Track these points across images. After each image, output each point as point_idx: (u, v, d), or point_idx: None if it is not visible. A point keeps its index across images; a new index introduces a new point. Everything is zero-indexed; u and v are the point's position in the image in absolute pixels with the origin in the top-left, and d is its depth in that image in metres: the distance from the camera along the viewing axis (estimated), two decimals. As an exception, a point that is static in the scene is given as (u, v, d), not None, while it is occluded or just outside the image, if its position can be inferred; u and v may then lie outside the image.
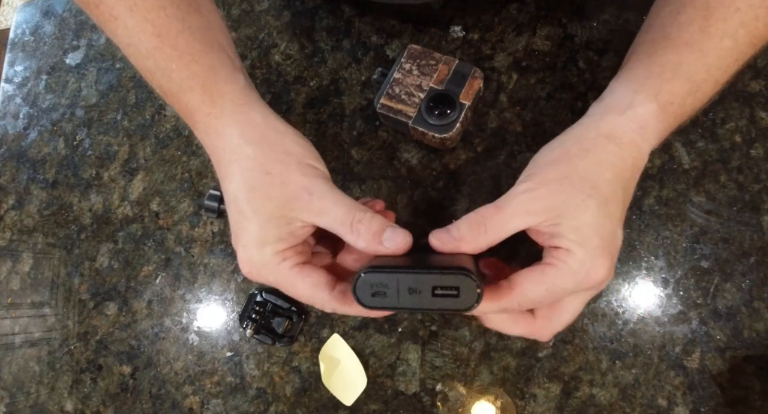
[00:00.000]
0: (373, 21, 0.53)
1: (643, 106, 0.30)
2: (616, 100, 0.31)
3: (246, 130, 0.32)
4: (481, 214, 0.30)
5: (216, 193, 0.50)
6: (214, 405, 0.48)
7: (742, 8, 0.29)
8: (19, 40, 0.65)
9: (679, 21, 0.30)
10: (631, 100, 0.30)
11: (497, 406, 0.43)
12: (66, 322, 0.53)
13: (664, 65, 0.30)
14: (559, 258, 0.28)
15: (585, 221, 0.28)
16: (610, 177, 0.29)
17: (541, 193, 0.28)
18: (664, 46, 0.30)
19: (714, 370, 0.40)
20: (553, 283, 0.28)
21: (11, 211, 0.58)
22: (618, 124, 0.30)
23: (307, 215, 0.31)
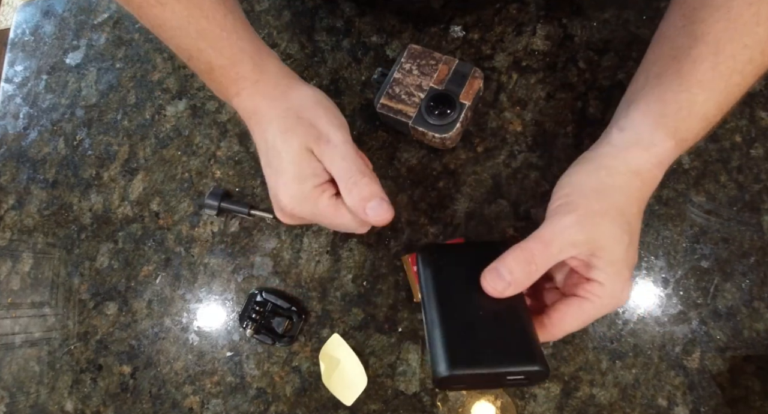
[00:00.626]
0: (373, 21, 0.53)
1: (663, 143, 0.32)
2: (638, 135, 0.33)
3: (287, 91, 0.38)
4: (529, 251, 0.31)
5: (217, 190, 0.50)
6: (214, 405, 0.48)
7: (750, 44, 0.30)
8: (19, 40, 0.65)
9: (692, 57, 0.31)
10: (653, 138, 0.32)
11: (497, 406, 0.43)
12: (66, 322, 0.53)
13: (680, 103, 0.32)
14: (594, 292, 0.31)
15: (619, 255, 0.30)
16: (636, 211, 0.32)
17: (586, 228, 0.30)
18: (679, 83, 0.32)
19: (714, 370, 0.40)
20: (589, 315, 0.31)
21: (11, 211, 0.58)
22: (643, 161, 0.32)
23: (322, 159, 0.36)
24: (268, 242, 0.50)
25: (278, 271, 0.49)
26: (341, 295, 0.48)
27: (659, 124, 0.32)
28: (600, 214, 0.31)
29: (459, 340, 0.30)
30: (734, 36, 0.30)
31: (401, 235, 0.47)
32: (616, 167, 0.32)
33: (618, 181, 0.32)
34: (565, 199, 0.32)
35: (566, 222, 0.31)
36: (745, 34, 0.30)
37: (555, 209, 0.32)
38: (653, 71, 0.34)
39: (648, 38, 0.38)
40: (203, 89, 0.56)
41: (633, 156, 0.32)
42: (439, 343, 0.30)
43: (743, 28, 0.30)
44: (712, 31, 0.31)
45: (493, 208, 0.46)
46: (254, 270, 0.50)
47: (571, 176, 0.33)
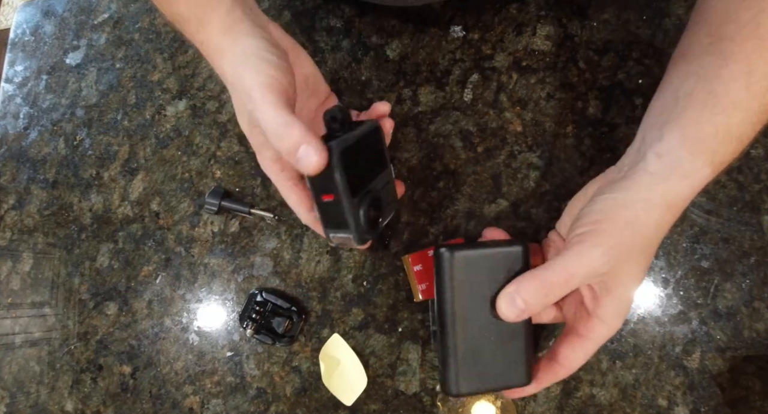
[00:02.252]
0: (373, 21, 0.53)
1: (702, 171, 0.31)
2: (677, 163, 0.31)
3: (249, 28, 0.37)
4: (549, 284, 0.31)
5: (218, 189, 0.50)
6: (214, 405, 0.48)
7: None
8: (19, 40, 0.65)
9: (724, 77, 0.30)
10: (693, 166, 0.31)
11: (497, 406, 0.43)
12: (66, 322, 0.53)
13: (716, 127, 0.31)
14: (594, 331, 0.32)
15: (630, 293, 0.32)
16: (657, 244, 0.32)
17: (613, 261, 0.30)
18: (713, 104, 0.31)
19: (714, 370, 0.40)
20: (593, 350, 0.33)
21: (11, 211, 0.58)
22: (680, 192, 0.31)
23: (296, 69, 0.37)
24: (268, 242, 0.50)
25: (278, 271, 0.49)
26: (341, 295, 0.48)
27: (698, 151, 0.31)
28: (628, 250, 0.30)
29: (470, 363, 0.34)
30: (765, 54, 0.29)
31: (401, 235, 0.47)
32: (654, 200, 0.31)
33: (653, 216, 0.31)
34: (593, 227, 0.31)
35: (594, 255, 0.30)
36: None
37: (581, 237, 0.31)
38: (683, 90, 0.32)
39: (648, 38, 0.37)
40: (203, 89, 0.56)
41: (671, 187, 0.31)
42: (452, 364, 0.34)
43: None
44: (743, 50, 0.30)
45: (493, 208, 0.46)
46: (254, 270, 0.50)
47: (604, 203, 0.32)
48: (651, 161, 0.32)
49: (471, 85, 0.49)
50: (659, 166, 0.31)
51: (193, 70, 0.57)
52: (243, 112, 0.38)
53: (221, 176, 0.53)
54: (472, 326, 0.34)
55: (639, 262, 0.31)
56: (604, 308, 0.31)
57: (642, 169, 0.32)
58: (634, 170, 0.32)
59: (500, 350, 0.34)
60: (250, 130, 0.38)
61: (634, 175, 0.32)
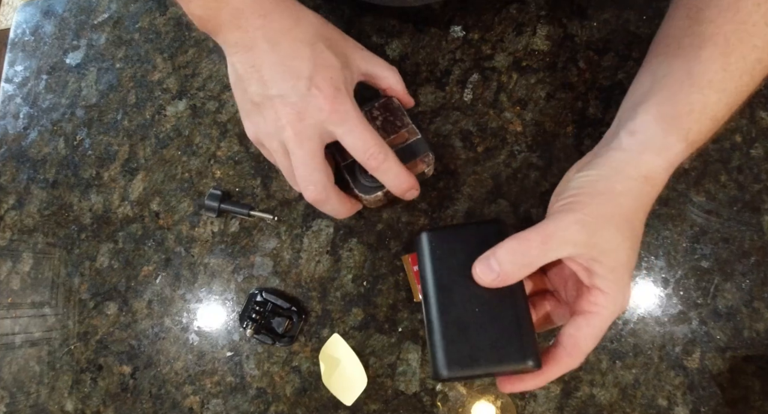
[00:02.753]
0: (373, 21, 0.53)
1: (675, 147, 0.31)
2: (650, 138, 0.32)
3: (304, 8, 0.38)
4: (525, 244, 0.30)
5: (216, 192, 0.50)
6: (214, 405, 0.48)
7: (759, 45, 0.30)
8: (19, 40, 0.65)
9: (702, 58, 0.31)
10: (665, 141, 0.31)
11: (497, 406, 0.43)
12: (66, 322, 0.53)
13: (692, 105, 0.31)
14: (597, 303, 0.30)
15: (621, 261, 0.30)
16: (642, 217, 0.32)
17: (590, 230, 0.30)
18: (690, 84, 0.31)
19: (714, 370, 0.40)
20: (599, 329, 0.31)
21: (11, 211, 0.58)
22: (655, 166, 0.32)
23: (363, 64, 0.39)
24: (268, 242, 0.50)
25: (278, 271, 0.49)
26: (341, 295, 0.48)
27: (671, 127, 0.31)
28: (606, 218, 0.30)
29: (457, 340, 0.31)
30: (744, 37, 0.30)
31: (401, 235, 0.47)
32: (628, 172, 0.31)
33: (628, 187, 0.31)
34: (570, 200, 0.31)
35: (569, 219, 0.30)
36: (755, 35, 0.30)
37: (558, 208, 0.32)
38: (660, 72, 0.33)
39: (648, 38, 0.38)
40: (203, 89, 0.56)
41: (645, 161, 0.32)
42: (438, 343, 0.31)
43: (753, 29, 0.30)
44: (722, 32, 0.30)
45: (493, 208, 0.46)
46: (254, 270, 0.50)
47: (579, 180, 0.32)
48: (624, 139, 0.32)
49: (471, 85, 0.49)
50: (631, 142, 0.32)
51: (193, 70, 0.57)
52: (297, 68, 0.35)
53: (221, 176, 0.53)
54: (456, 305, 0.32)
55: (621, 230, 0.30)
56: (599, 278, 0.30)
57: (615, 147, 0.33)
58: (607, 149, 0.33)
59: (490, 326, 0.31)
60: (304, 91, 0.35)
61: (606, 152, 0.33)
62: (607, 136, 0.35)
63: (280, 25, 0.34)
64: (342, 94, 0.35)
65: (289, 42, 0.34)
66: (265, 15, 0.34)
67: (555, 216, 0.31)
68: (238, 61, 0.35)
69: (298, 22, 0.35)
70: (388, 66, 0.41)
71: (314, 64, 0.34)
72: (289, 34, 0.34)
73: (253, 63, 0.34)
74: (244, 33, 0.34)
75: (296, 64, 0.34)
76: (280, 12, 0.35)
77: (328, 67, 0.35)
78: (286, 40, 0.34)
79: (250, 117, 0.38)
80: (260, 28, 0.34)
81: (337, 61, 0.35)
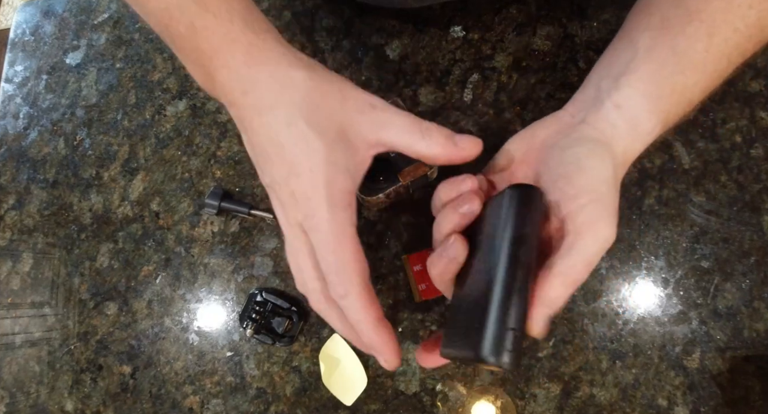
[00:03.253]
0: (373, 21, 0.53)
1: (654, 131, 0.31)
2: (636, 119, 0.30)
3: (292, 59, 0.31)
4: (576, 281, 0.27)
5: (217, 190, 0.50)
6: (214, 405, 0.48)
7: (740, 29, 0.29)
8: (19, 40, 0.65)
9: (687, 34, 0.30)
10: (648, 126, 0.30)
11: (497, 406, 0.43)
12: (66, 322, 0.53)
13: (674, 86, 0.30)
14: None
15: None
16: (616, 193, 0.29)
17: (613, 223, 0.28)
18: (674, 62, 0.30)
19: (714, 370, 0.40)
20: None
21: (11, 211, 0.58)
22: (635, 151, 0.31)
23: (373, 130, 0.30)
24: (268, 242, 0.50)
25: (278, 271, 0.49)
26: (341, 295, 0.48)
27: (655, 109, 0.30)
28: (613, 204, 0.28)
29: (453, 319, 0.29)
30: (728, 17, 0.29)
31: (401, 235, 0.47)
32: (621, 159, 0.30)
33: (620, 173, 0.30)
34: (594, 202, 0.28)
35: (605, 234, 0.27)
36: (738, 17, 0.29)
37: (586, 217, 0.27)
38: (643, 42, 0.32)
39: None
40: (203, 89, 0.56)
41: (630, 144, 0.31)
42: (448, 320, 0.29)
43: (737, 11, 0.29)
44: (708, 9, 0.29)
45: (493, 208, 0.46)
46: (254, 270, 0.50)
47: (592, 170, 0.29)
48: (611, 111, 0.31)
49: (471, 85, 0.49)
50: (619, 118, 0.31)
51: (193, 70, 0.57)
52: None
53: (221, 176, 0.53)
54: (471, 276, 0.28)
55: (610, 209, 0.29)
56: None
57: (604, 119, 0.31)
58: (595, 117, 0.31)
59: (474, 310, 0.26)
60: None
61: (597, 123, 0.31)
62: (579, 98, 0.33)
63: (263, 102, 0.30)
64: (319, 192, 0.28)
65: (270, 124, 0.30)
66: (246, 92, 0.30)
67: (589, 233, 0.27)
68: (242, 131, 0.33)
69: (282, 94, 0.30)
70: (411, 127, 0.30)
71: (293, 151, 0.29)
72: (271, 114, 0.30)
73: (248, 139, 0.32)
74: (237, 110, 0.31)
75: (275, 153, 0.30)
76: (262, 85, 0.30)
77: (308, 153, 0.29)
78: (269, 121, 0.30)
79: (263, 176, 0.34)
80: (248, 108, 0.30)
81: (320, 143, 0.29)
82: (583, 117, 0.32)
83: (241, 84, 0.30)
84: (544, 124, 0.34)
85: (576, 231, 0.27)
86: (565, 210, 0.28)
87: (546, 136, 0.33)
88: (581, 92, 0.34)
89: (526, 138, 0.34)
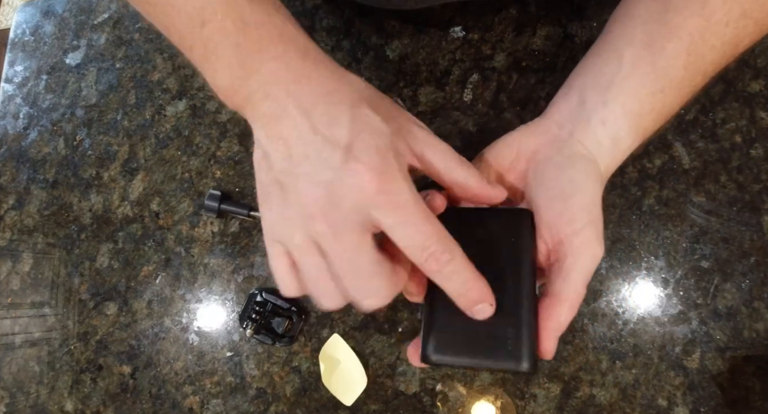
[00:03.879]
0: (373, 21, 0.53)
1: (633, 146, 0.32)
2: (618, 135, 0.31)
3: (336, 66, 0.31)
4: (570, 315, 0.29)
5: (216, 192, 0.50)
6: (214, 405, 0.48)
7: (717, 46, 0.30)
8: (19, 40, 0.65)
9: (667, 51, 0.30)
10: (628, 143, 0.32)
11: (497, 406, 0.43)
12: (66, 322, 0.53)
13: (653, 104, 0.31)
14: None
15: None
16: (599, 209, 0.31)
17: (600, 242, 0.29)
18: (653, 79, 0.31)
19: (714, 370, 0.40)
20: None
21: (11, 211, 0.58)
22: (614, 167, 0.32)
23: (418, 145, 0.29)
24: (268, 242, 0.50)
25: (278, 271, 0.49)
26: (341, 295, 0.48)
27: (635, 126, 0.31)
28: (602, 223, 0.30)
29: (454, 324, 0.30)
30: (705, 35, 0.30)
31: (401, 235, 0.47)
32: (604, 177, 0.32)
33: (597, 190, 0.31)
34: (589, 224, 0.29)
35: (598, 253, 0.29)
36: (715, 35, 0.30)
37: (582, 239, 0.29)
38: (627, 56, 0.32)
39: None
40: (203, 89, 0.56)
41: (612, 162, 0.32)
42: (434, 323, 0.30)
43: (714, 28, 0.30)
44: (687, 26, 0.30)
45: (493, 208, 0.46)
46: (254, 270, 0.50)
47: (587, 193, 0.30)
48: (597, 128, 0.32)
49: (471, 85, 0.49)
50: (604, 135, 0.32)
51: (193, 70, 0.57)
52: None
53: (221, 176, 0.53)
54: None
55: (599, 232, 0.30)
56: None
57: (591, 136, 0.32)
58: (584, 134, 0.32)
59: (490, 322, 0.28)
60: None
61: (585, 140, 0.32)
62: (564, 106, 0.34)
63: (317, 90, 0.28)
64: (392, 168, 0.27)
65: (325, 106, 0.27)
66: (298, 80, 0.28)
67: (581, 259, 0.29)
68: (264, 135, 0.28)
69: (339, 86, 0.29)
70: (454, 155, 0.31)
71: (354, 129, 0.27)
72: (326, 99, 0.28)
73: (280, 134, 0.28)
74: (274, 101, 0.28)
75: (332, 132, 0.27)
76: (317, 76, 0.29)
77: (372, 132, 0.27)
78: (322, 104, 0.28)
79: (268, 201, 0.29)
80: (292, 95, 0.28)
81: (385, 127, 0.28)
82: (570, 130, 0.32)
83: (295, 72, 0.28)
84: (533, 133, 0.34)
85: (573, 254, 0.29)
86: (562, 233, 0.29)
87: (537, 148, 0.33)
88: (564, 98, 0.34)
89: (513, 145, 0.34)
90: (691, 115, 0.45)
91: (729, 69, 0.45)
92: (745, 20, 0.29)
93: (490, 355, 0.28)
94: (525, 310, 0.29)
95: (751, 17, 0.29)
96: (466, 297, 0.28)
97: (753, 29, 0.30)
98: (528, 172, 0.33)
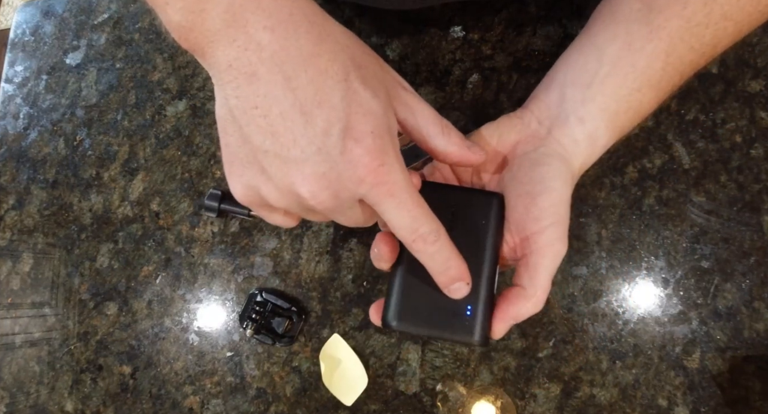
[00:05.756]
0: (373, 21, 0.53)
1: (608, 144, 0.33)
2: (595, 134, 0.32)
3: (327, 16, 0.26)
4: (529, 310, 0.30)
5: (216, 192, 0.50)
6: (214, 405, 0.48)
7: (696, 48, 0.30)
8: (19, 40, 0.65)
9: (647, 52, 0.31)
10: (604, 142, 0.33)
11: (497, 406, 0.43)
12: (66, 322, 0.53)
13: (630, 104, 0.32)
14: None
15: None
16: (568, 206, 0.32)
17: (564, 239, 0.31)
18: (633, 79, 0.31)
19: (714, 370, 0.40)
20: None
21: (11, 211, 0.58)
22: (588, 165, 0.33)
23: (402, 109, 0.28)
24: (268, 242, 0.50)
25: (278, 271, 0.49)
26: (341, 295, 0.48)
27: (611, 125, 0.32)
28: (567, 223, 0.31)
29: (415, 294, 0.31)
30: (685, 37, 0.30)
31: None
32: (576, 175, 0.33)
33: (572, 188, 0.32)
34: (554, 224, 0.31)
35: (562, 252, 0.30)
36: (694, 37, 0.30)
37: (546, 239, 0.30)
38: (608, 54, 0.32)
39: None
40: (203, 89, 0.56)
41: (586, 161, 0.33)
42: (397, 291, 0.31)
43: (694, 30, 0.30)
44: (668, 27, 0.30)
45: (493, 208, 0.46)
46: (254, 270, 0.50)
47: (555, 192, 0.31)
48: (575, 126, 0.32)
49: (471, 85, 0.49)
50: (581, 133, 0.32)
51: (193, 70, 0.57)
52: None
53: (221, 176, 0.53)
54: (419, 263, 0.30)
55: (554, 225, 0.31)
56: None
57: (569, 135, 0.32)
58: (561, 132, 0.32)
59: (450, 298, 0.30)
60: None
61: (562, 138, 0.32)
62: (545, 102, 0.34)
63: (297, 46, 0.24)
64: (388, 154, 0.25)
65: (311, 75, 0.24)
66: (272, 28, 0.23)
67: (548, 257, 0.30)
68: (233, 95, 0.24)
69: (322, 42, 0.24)
70: (436, 120, 0.30)
71: (348, 111, 0.24)
72: (310, 62, 0.24)
73: (256, 103, 0.24)
74: (243, 51, 0.23)
75: (322, 113, 0.24)
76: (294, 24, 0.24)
77: (366, 114, 0.25)
78: (307, 70, 0.24)
79: (244, 174, 0.26)
80: (267, 48, 0.23)
81: (378, 105, 0.25)
82: (549, 127, 0.33)
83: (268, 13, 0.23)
84: (514, 126, 0.34)
85: (538, 252, 0.30)
86: (528, 230, 0.30)
87: (516, 142, 0.34)
88: (545, 92, 0.34)
89: (494, 136, 0.35)
90: (691, 115, 0.45)
91: (729, 69, 0.45)
92: (725, 22, 0.30)
93: (446, 327, 0.30)
94: (484, 289, 0.31)
95: (731, 19, 0.30)
96: (445, 275, 0.29)
97: (732, 31, 0.30)
98: (506, 164, 0.34)
